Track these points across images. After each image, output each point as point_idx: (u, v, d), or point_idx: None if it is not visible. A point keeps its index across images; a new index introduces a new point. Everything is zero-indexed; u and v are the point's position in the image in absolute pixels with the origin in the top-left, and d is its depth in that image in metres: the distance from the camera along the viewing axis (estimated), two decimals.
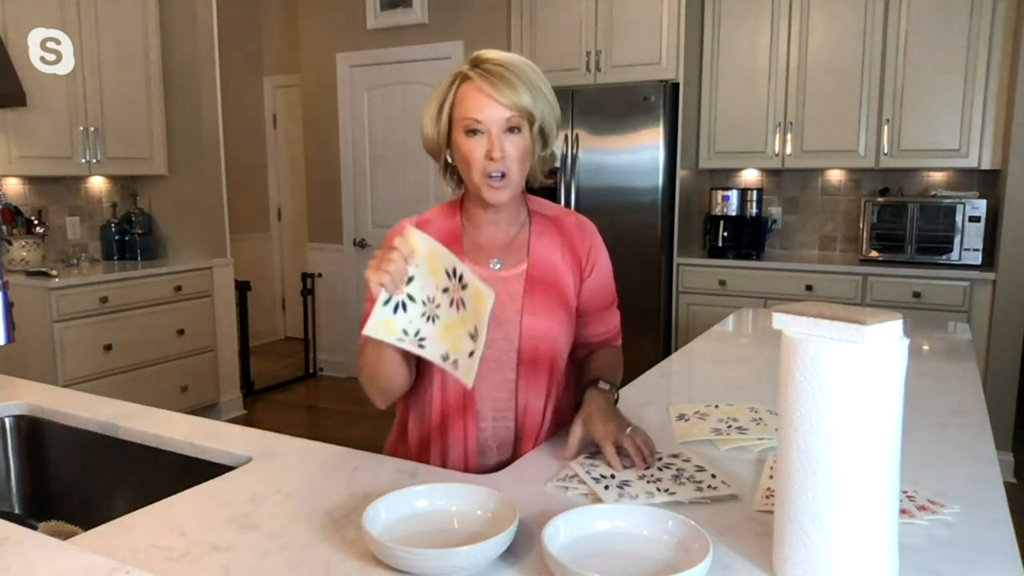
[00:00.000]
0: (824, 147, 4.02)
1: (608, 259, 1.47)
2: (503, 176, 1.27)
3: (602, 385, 1.34)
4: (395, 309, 1.16)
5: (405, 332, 1.17)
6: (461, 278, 1.18)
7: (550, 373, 1.37)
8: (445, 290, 1.18)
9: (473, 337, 1.20)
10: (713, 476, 1.17)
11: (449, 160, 1.34)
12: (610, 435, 1.21)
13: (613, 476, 1.16)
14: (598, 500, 1.08)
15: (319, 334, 5.39)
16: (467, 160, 1.27)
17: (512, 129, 1.26)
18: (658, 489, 1.12)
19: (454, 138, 1.29)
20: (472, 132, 1.25)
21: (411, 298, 1.17)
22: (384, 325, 1.16)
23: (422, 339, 1.18)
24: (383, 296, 1.15)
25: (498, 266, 1.37)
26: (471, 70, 1.26)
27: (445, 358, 1.19)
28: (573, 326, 1.42)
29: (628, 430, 1.23)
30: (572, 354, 1.46)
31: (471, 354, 1.19)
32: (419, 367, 1.37)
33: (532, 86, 1.26)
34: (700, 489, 1.12)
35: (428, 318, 1.18)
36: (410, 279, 1.16)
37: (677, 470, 1.19)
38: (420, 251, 1.16)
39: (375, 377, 1.29)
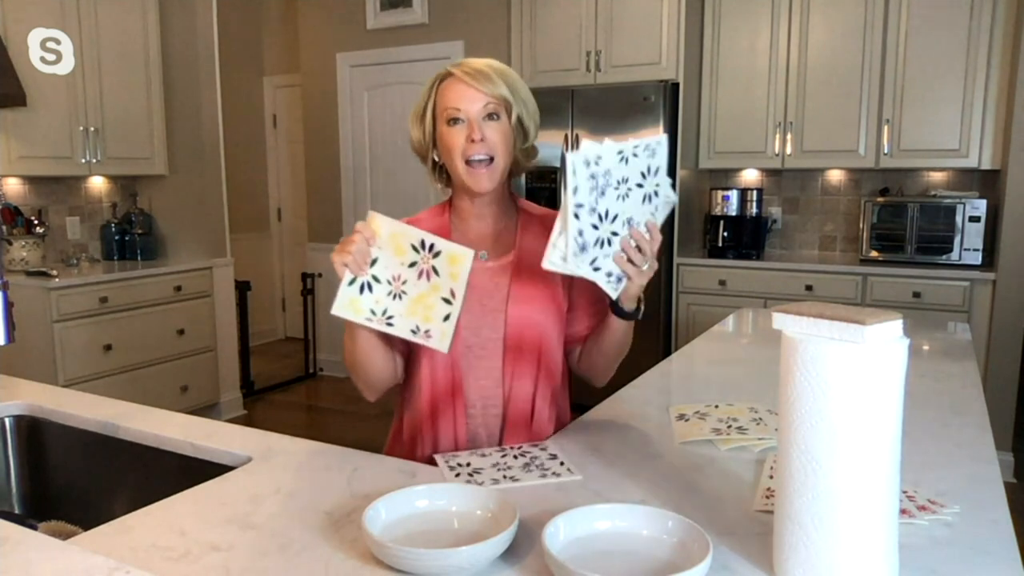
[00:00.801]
0: (824, 147, 4.02)
1: None
2: (490, 161, 1.31)
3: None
4: (361, 290, 1.21)
5: (373, 312, 1.22)
6: (432, 247, 1.22)
7: (538, 362, 1.38)
8: (412, 264, 1.22)
9: (448, 301, 1.23)
10: (561, 463, 1.22)
11: (436, 159, 1.38)
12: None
13: (468, 464, 1.23)
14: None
15: (319, 334, 5.39)
16: (449, 148, 1.32)
17: (491, 115, 1.31)
18: (504, 476, 1.17)
19: (438, 132, 1.34)
20: (453, 121, 1.31)
21: (376, 279, 1.22)
22: (351, 305, 1.21)
23: (390, 317, 1.23)
24: (348, 277, 1.20)
25: (485, 257, 1.39)
26: (451, 69, 1.33)
27: (415, 331, 1.24)
28: (562, 317, 1.42)
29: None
30: (570, 345, 1.45)
31: (446, 318, 1.24)
32: (408, 361, 1.40)
33: (509, 83, 1.32)
34: (544, 476, 1.17)
35: (394, 296, 1.23)
36: (374, 261, 1.21)
37: (531, 458, 1.25)
38: (382, 234, 1.21)
39: (355, 367, 1.34)
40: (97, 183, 4.27)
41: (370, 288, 1.21)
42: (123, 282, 3.76)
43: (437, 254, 1.22)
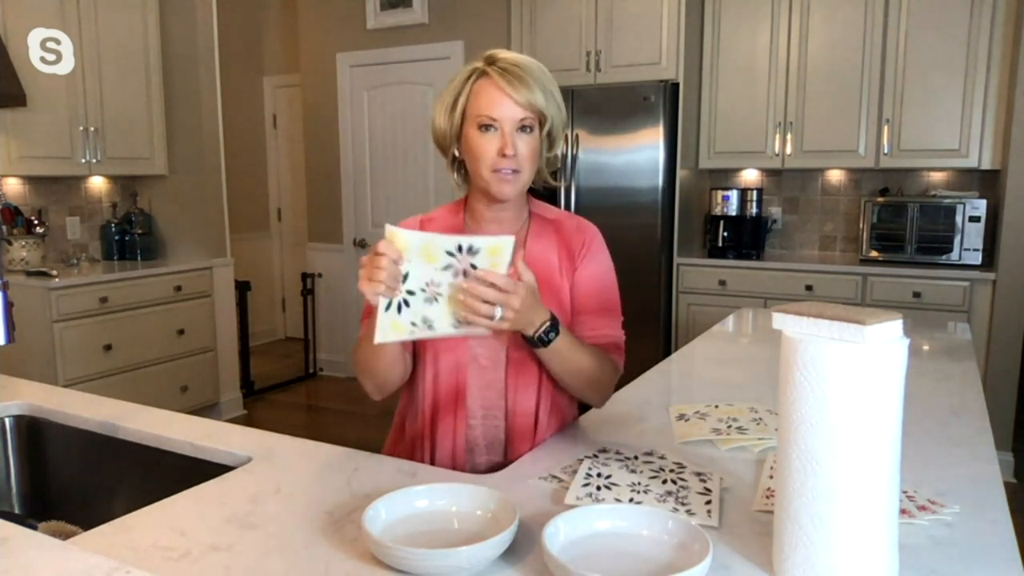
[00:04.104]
0: (824, 147, 4.02)
1: (609, 264, 1.43)
2: (514, 172, 1.27)
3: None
4: (399, 309, 1.16)
5: (414, 324, 1.17)
6: (470, 249, 1.15)
7: (540, 374, 1.36)
8: (447, 267, 1.15)
9: None
10: (707, 504, 1.08)
11: (457, 154, 1.35)
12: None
13: (600, 475, 1.16)
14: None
15: (319, 334, 5.39)
16: (477, 155, 1.28)
17: (524, 128, 1.27)
18: (631, 499, 1.08)
19: (465, 132, 1.30)
20: (485, 128, 1.26)
21: (410, 293, 1.16)
22: (392, 328, 1.16)
23: (430, 323, 1.18)
24: (383, 302, 1.14)
25: None
26: (488, 67, 1.28)
27: (456, 325, 1.18)
28: (567, 325, 1.40)
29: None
30: None
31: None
32: (415, 363, 1.38)
33: (544, 88, 1.28)
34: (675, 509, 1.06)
35: (430, 301, 1.17)
36: (405, 276, 1.14)
37: (679, 487, 1.13)
38: (411, 247, 1.14)
39: (371, 372, 1.31)
40: (97, 183, 4.27)
41: (407, 304, 1.16)
42: (123, 282, 3.76)
43: (476, 252, 1.15)
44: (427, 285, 1.16)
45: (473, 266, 1.15)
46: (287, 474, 1.21)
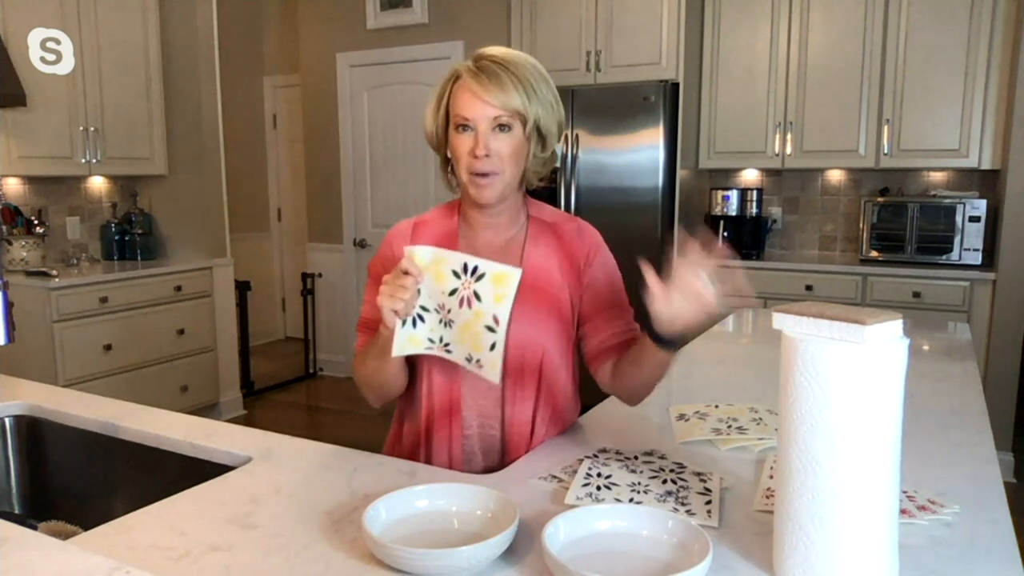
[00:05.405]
0: (824, 147, 4.02)
1: (614, 265, 1.41)
2: (489, 175, 1.26)
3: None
4: (414, 323, 1.18)
5: (431, 340, 1.20)
6: (475, 271, 1.14)
7: (538, 384, 1.34)
8: (452, 292, 1.15)
9: (492, 329, 1.16)
10: (708, 504, 1.08)
11: (448, 155, 1.35)
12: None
13: (600, 475, 1.16)
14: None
15: (319, 334, 5.39)
16: (456, 155, 1.29)
17: (501, 127, 1.25)
18: (632, 499, 1.07)
19: (449, 133, 1.30)
20: (463, 128, 1.27)
21: (424, 309, 1.17)
22: (409, 341, 1.18)
23: (447, 344, 1.20)
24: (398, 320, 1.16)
25: None
26: (467, 68, 1.27)
27: (469, 360, 1.19)
28: (568, 336, 1.37)
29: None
30: (595, 362, 1.38)
31: (492, 347, 1.16)
32: (411, 370, 1.38)
33: (527, 86, 1.25)
34: (676, 510, 1.05)
35: (444, 324, 1.18)
36: (418, 291, 1.16)
37: (678, 487, 1.13)
38: (424, 264, 1.15)
39: (372, 385, 1.33)
40: (97, 183, 4.27)
41: (421, 319, 1.18)
42: (123, 282, 3.76)
43: (480, 277, 1.14)
44: (439, 307, 1.17)
45: (476, 294, 1.15)
46: (287, 474, 1.21)
